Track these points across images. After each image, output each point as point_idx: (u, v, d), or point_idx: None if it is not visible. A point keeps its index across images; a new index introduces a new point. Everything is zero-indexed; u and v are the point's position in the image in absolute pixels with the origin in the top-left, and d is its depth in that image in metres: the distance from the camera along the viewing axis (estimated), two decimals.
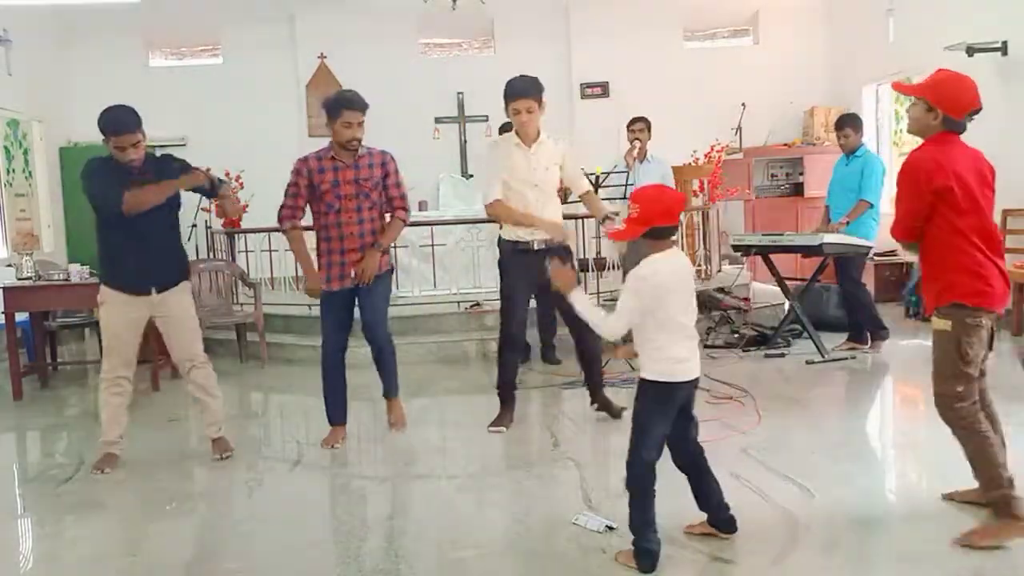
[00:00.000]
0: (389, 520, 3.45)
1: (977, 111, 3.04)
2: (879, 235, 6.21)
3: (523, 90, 4.46)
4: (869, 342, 6.35)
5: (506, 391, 4.68)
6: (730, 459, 3.92)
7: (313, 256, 4.51)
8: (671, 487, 3.69)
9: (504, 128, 5.95)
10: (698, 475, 3.01)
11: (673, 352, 2.84)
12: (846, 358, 6.09)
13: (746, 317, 6.97)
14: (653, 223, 2.83)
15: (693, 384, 2.90)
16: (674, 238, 2.95)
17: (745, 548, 2.95)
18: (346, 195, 4.37)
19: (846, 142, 6.37)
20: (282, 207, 4.44)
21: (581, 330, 4.34)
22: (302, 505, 3.72)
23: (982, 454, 2.97)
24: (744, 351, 6.46)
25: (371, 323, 4.51)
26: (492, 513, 3.54)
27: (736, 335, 6.80)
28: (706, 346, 6.71)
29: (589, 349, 4.71)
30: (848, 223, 6.13)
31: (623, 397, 5.04)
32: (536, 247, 4.47)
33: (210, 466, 4.35)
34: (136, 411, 5.56)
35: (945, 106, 3.00)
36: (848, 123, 6.42)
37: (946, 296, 2.99)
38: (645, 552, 2.81)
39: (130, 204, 3.96)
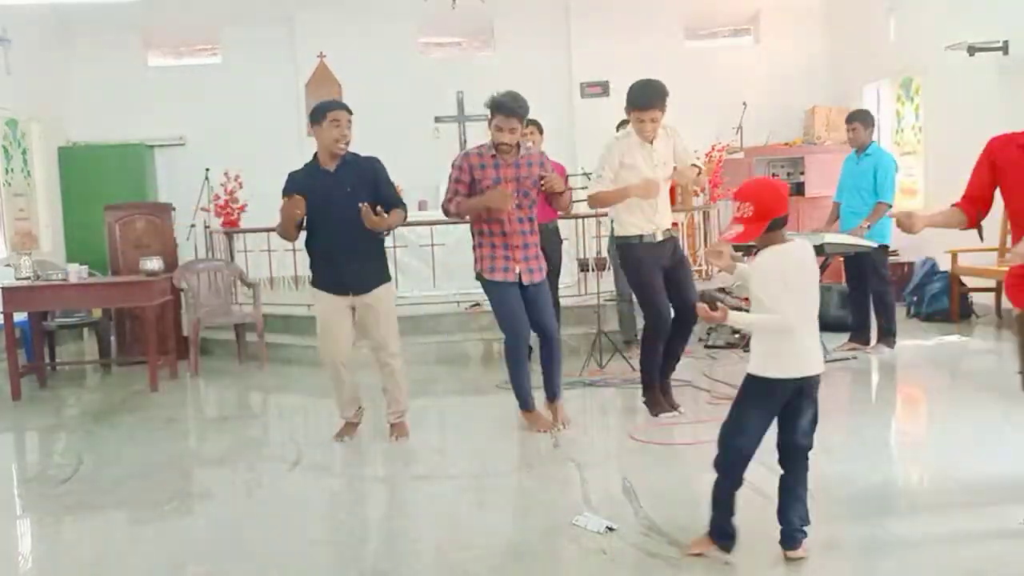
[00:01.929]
0: (389, 521, 3.45)
1: None
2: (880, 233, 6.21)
3: (650, 102, 4.55)
4: (871, 343, 6.34)
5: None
6: None
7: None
8: (671, 486, 3.69)
9: (621, 124, 6.09)
10: (784, 480, 2.86)
11: (775, 347, 2.73)
12: (847, 358, 6.08)
13: None
14: (772, 216, 2.72)
15: (801, 383, 2.74)
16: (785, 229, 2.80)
17: (745, 548, 2.94)
18: (512, 192, 4.44)
19: (853, 136, 6.36)
20: (446, 200, 4.52)
21: (677, 331, 4.69)
22: (302, 505, 3.71)
23: None
24: (745, 351, 6.44)
25: (538, 320, 4.57)
26: (492, 513, 3.53)
27: (737, 335, 6.79)
28: (706, 346, 6.71)
29: (676, 349, 4.83)
30: (870, 226, 6.11)
31: (625, 397, 5.05)
32: (659, 238, 4.62)
33: (210, 466, 4.34)
34: (135, 411, 5.58)
35: None
36: (858, 118, 6.43)
37: None
38: (721, 533, 2.84)
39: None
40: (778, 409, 2.79)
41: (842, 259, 6.51)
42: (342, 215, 4.23)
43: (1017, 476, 3.22)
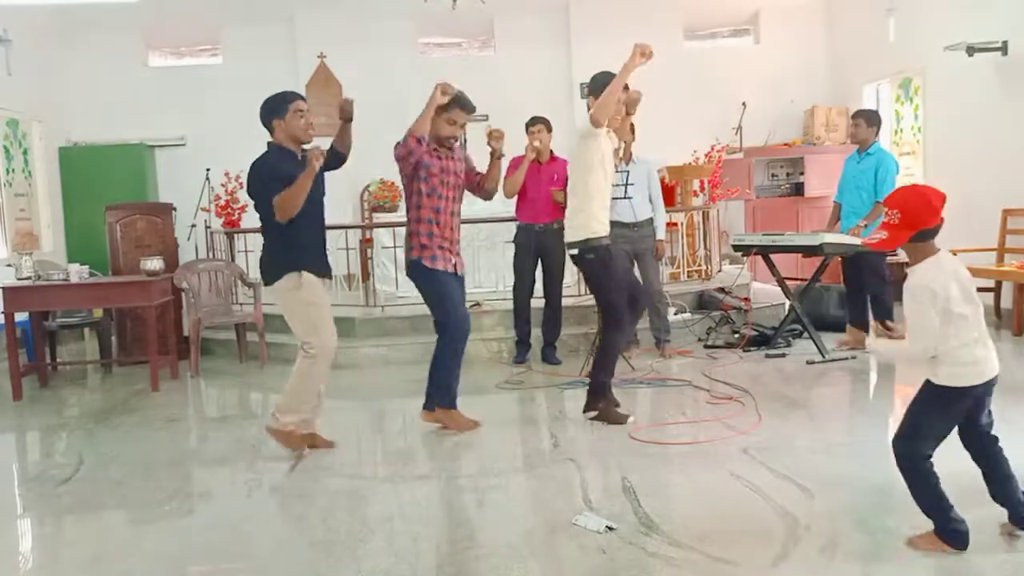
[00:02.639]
0: (389, 520, 3.45)
1: None
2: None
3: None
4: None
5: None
6: (730, 459, 3.93)
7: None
8: (671, 486, 3.69)
9: None
10: (983, 469, 2.93)
11: (962, 356, 2.76)
12: (846, 358, 6.09)
13: (747, 317, 6.97)
14: (920, 226, 2.72)
15: (983, 387, 2.81)
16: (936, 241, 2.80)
17: (745, 548, 2.95)
18: (452, 184, 4.55)
19: (855, 131, 6.39)
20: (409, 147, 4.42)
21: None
22: (302, 505, 3.72)
23: None
24: (744, 351, 6.46)
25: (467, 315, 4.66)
26: (492, 513, 3.54)
27: (737, 335, 6.81)
28: (706, 346, 6.72)
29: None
30: (866, 225, 6.12)
31: (625, 397, 5.05)
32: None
33: (210, 466, 4.35)
34: (136, 411, 5.58)
35: None
36: (863, 114, 6.47)
37: None
38: (951, 533, 2.80)
39: (283, 211, 4.13)
40: (961, 417, 2.84)
41: (840, 259, 6.51)
42: (317, 199, 4.32)
43: (1017, 476, 3.22)
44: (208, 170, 9.59)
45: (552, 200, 6.25)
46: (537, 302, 6.40)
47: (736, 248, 6.88)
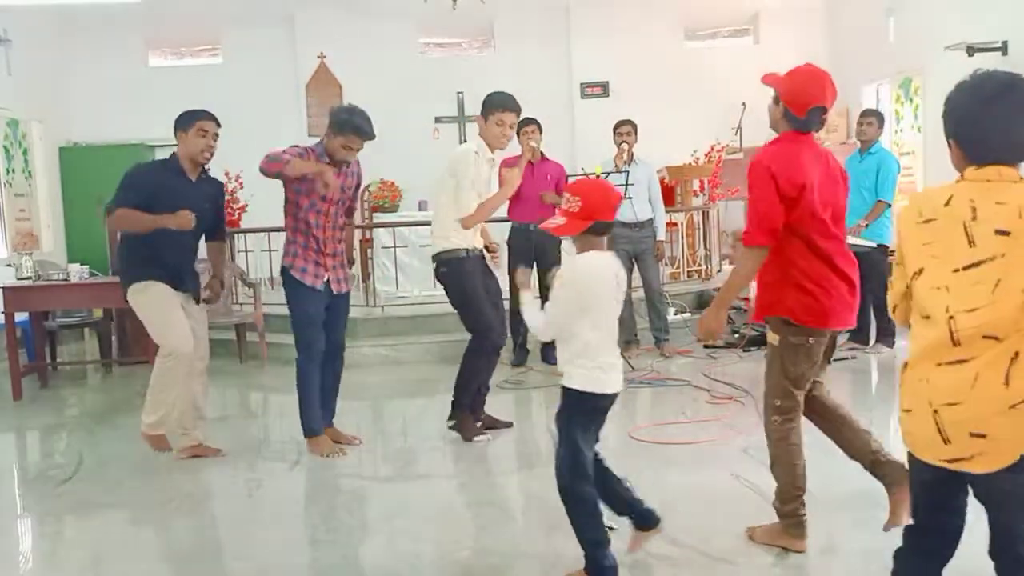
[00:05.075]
0: (389, 520, 3.45)
1: (821, 109, 2.82)
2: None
3: (519, 107, 4.60)
4: (870, 342, 6.35)
5: None
6: (730, 459, 3.93)
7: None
8: (671, 486, 3.69)
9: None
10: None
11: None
12: (847, 358, 6.09)
13: (747, 317, 6.97)
14: (595, 217, 2.67)
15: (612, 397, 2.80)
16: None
17: (745, 548, 2.95)
18: (334, 199, 4.38)
19: (867, 129, 6.39)
20: (279, 153, 4.33)
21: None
22: (302, 505, 3.72)
23: (782, 467, 2.95)
24: (744, 351, 6.46)
25: (333, 331, 4.48)
26: (492, 513, 3.53)
27: (737, 335, 6.80)
28: (706, 346, 6.71)
29: (489, 367, 4.65)
30: (867, 225, 6.12)
31: (625, 397, 5.05)
32: (477, 253, 4.64)
33: (210, 466, 4.34)
34: (136, 411, 5.55)
35: (786, 100, 2.81)
36: (874, 113, 6.54)
37: (775, 309, 2.87)
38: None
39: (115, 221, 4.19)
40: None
41: None
42: (193, 232, 4.40)
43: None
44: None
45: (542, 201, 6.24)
46: None
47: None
